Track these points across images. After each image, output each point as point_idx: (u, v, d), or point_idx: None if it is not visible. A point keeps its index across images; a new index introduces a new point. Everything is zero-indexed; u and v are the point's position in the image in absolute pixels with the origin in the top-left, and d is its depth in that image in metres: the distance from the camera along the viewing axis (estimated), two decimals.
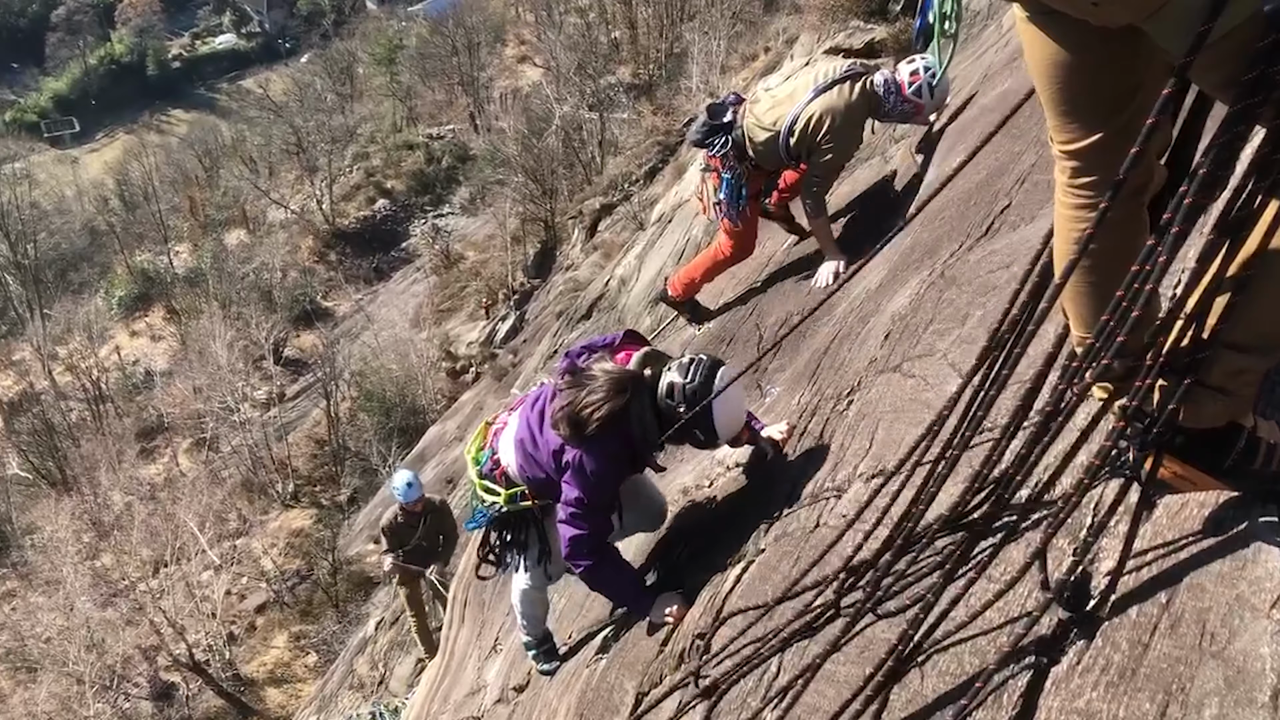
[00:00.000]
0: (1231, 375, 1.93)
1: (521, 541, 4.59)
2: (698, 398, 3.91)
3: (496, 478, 4.44)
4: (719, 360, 4.05)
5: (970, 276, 3.85)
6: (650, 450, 4.17)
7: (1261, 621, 1.81)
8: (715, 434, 4.02)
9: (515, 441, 4.29)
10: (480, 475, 4.51)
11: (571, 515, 4.07)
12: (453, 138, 52.07)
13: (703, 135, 6.45)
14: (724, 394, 3.90)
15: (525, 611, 4.94)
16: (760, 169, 6.43)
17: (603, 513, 4.16)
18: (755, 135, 6.21)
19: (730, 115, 6.34)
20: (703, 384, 3.92)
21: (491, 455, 4.47)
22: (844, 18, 13.87)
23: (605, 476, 4.06)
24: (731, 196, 6.43)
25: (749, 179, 6.42)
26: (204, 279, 46.02)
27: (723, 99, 6.57)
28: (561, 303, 24.81)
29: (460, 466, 22.14)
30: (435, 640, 11.18)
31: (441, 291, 41.67)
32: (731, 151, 6.32)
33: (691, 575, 4.13)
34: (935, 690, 2.37)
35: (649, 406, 4.00)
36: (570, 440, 3.97)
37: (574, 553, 4.13)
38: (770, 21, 29.21)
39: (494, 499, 4.43)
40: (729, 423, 4.03)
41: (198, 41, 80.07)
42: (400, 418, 33.52)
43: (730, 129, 6.31)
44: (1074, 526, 2.35)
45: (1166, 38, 1.73)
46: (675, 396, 3.95)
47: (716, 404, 3.90)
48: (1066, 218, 2.11)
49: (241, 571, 29.29)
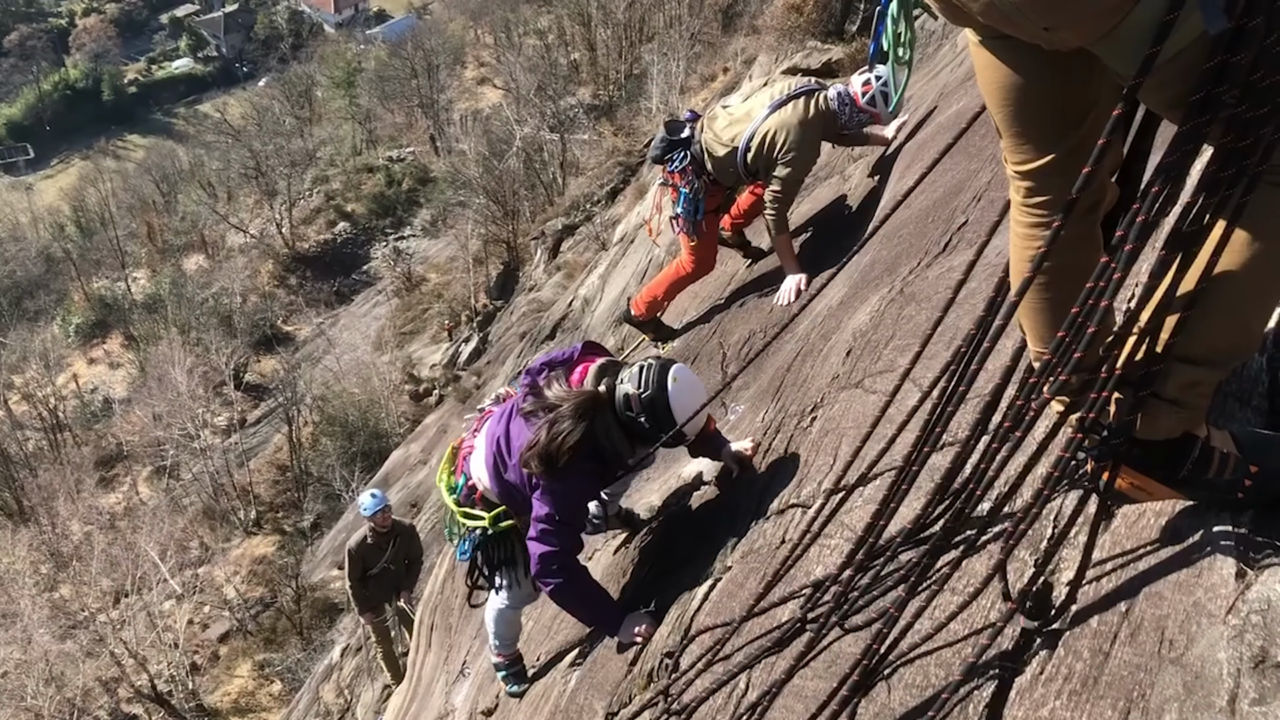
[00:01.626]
0: (1186, 387, 1.97)
1: (510, 559, 4.55)
2: (655, 405, 3.93)
3: (476, 502, 4.43)
4: (669, 361, 4.07)
5: (930, 293, 3.91)
6: (620, 463, 4.18)
7: (1218, 627, 1.85)
8: (683, 433, 4.05)
9: (487, 464, 4.27)
10: (458, 504, 4.49)
11: (541, 532, 4.04)
12: (413, 160, 52.04)
13: (661, 151, 6.55)
14: (679, 389, 3.94)
15: (499, 632, 4.91)
16: (718, 184, 6.49)
17: (573, 529, 4.14)
18: (714, 150, 6.30)
19: (688, 131, 6.43)
20: (657, 389, 3.94)
21: (466, 482, 4.45)
22: (801, 38, 14.04)
23: (575, 493, 4.07)
24: (689, 210, 6.49)
25: (707, 193, 6.49)
26: (163, 305, 45.58)
27: (681, 117, 6.66)
28: (525, 323, 24.81)
29: (424, 490, 22.06)
30: (402, 666, 11.10)
31: (403, 314, 41.53)
32: (690, 165, 6.40)
33: (659, 594, 4.13)
34: (902, 703, 2.40)
35: (613, 422, 4.01)
36: (544, 477, 3.96)
37: (543, 570, 4.09)
38: (728, 43, 29.50)
39: (478, 523, 4.40)
40: (691, 417, 4.05)
41: (154, 66, 79.49)
42: (363, 442, 33.28)
43: (689, 144, 6.40)
44: (1034, 538, 2.39)
45: (1117, 60, 1.78)
46: (634, 408, 3.97)
47: (674, 403, 3.93)
48: (1022, 236, 2.16)
49: (204, 600, 28.93)
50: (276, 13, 79.05)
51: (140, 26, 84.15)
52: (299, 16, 77.79)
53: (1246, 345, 2.01)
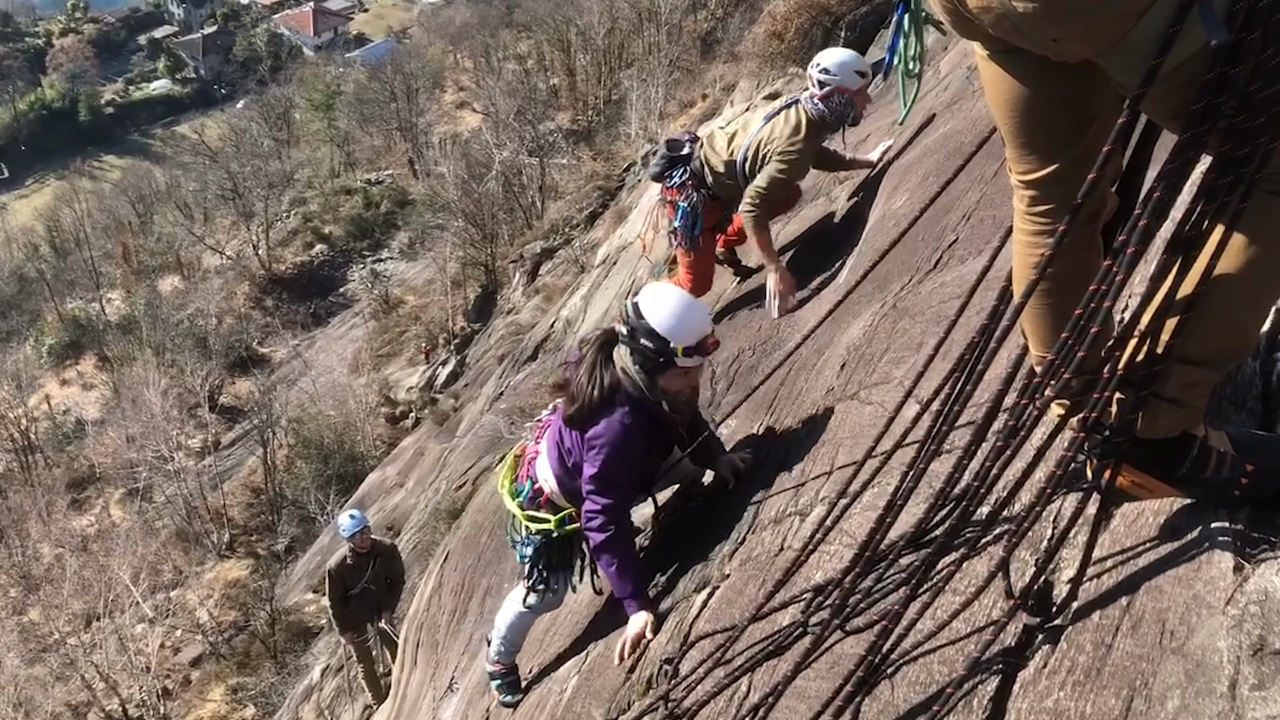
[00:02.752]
0: (1185, 387, 2.05)
1: (569, 563, 4.60)
2: (640, 331, 4.04)
3: (541, 505, 4.49)
4: (641, 289, 4.20)
5: (923, 307, 3.99)
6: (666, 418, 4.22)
7: (1218, 618, 1.91)
8: (670, 341, 4.04)
9: (552, 463, 4.36)
10: (523, 508, 4.54)
11: (590, 492, 4.13)
12: (391, 183, 52.04)
13: (661, 168, 6.64)
14: (652, 306, 4.05)
15: (508, 636, 4.90)
16: (716, 200, 6.59)
17: (623, 488, 4.18)
18: (714, 164, 6.41)
19: (688, 149, 6.53)
20: (636, 317, 4.07)
21: (532, 485, 4.51)
22: (782, 64, 14.18)
23: (619, 447, 4.09)
24: (687, 224, 6.58)
25: (705, 209, 6.58)
26: (137, 326, 45.21)
27: (680, 136, 6.77)
28: (504, 346, 24.81)
29: (401, 513, 21.98)
30: (383, 687, 11.05)
31: (380, 336, 41.40)
32: (690, 181, 6.49)
33: (654, 599, 4.18)
34: (906, 700, 2.45)
35: (627, 357, 4.11)
36: (583, 415, 4.09)
37: (591, 522, 4.15)
38: (708, 69, 29.72)
39: (543, 525, 4.45)
40: (679, 322, 4.06)
41: (131, 87, 79.20)
42: (339, 465, 33.06)
43: (688, 160, 6.50)
44: (1035, 539, 2.46)
45: (1121, 71, 1.86)
46: (632, 340, 4.08)
47: (657, 322, 4.02)
48: (1025, 244, 2.24)
49: (176, 624, 28.58)
50: (255, 35, 79.01)
51: (118, 47, 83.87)
52: (278, 39, 77.80)
53: (1243, 346, 2.09)
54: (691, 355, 4.05)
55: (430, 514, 16.04)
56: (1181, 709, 1.84)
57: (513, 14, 55.20)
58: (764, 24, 14.60)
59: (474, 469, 14.71)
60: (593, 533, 4.17)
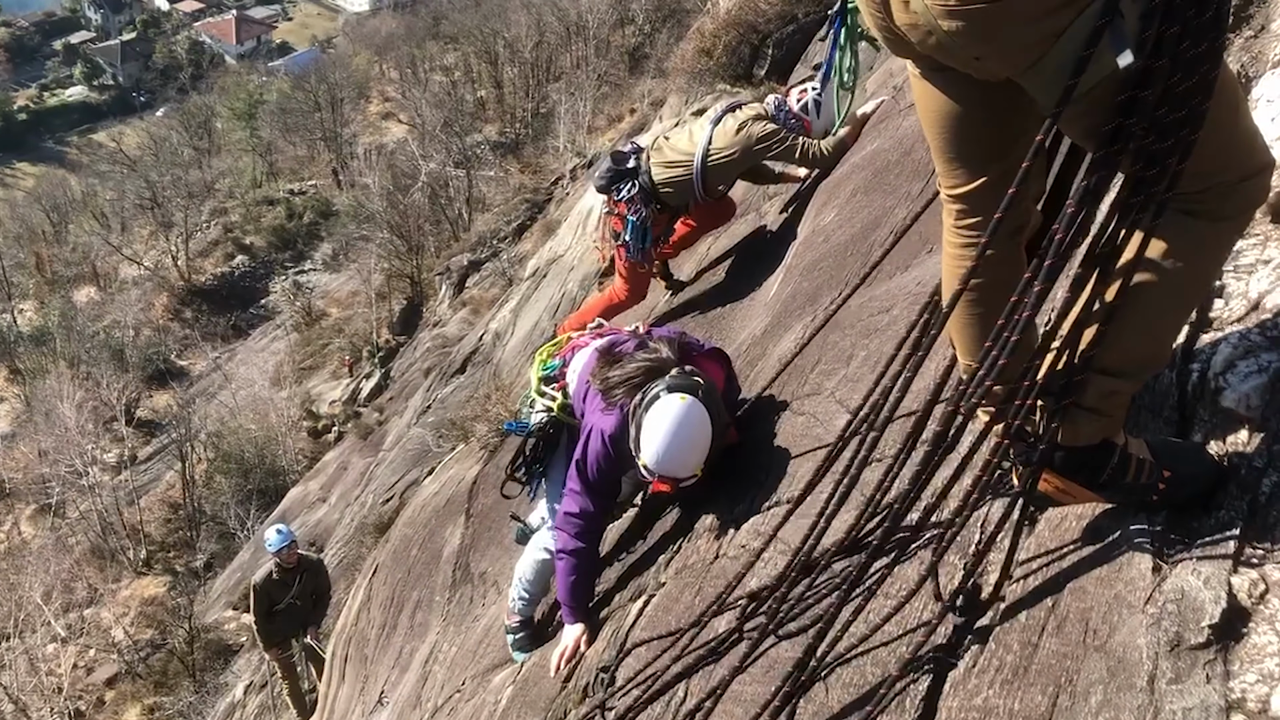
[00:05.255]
0: (1104, 397, 2.13)
1: (550, 466, 4.60)
2: (639, 421, 3.88)
3: (557, 386, 4.53)
4: (681, 393, 3.84)
5: (853, 320, 4.08)
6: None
7: (1137, 616, 2.00)
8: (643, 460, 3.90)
9: (584, 366, 4.36)
10: (543, 380, 4.59)
11: (573, 491, 4.13)
12: (315, 193, 51.35)
13: (608, 180, 6.65)
14: (655, 424, 3.79)
15: (531, 580, 4.71)
16: (665, 210, 6.64)
17: (600, 492, 4.13)
18: (665, 174, 6.43)
19: (634, 161, 6.57)
20: (643, 411, 3.88)
21: (562, 365, 4.56)
22: (710, 81, 14.29)
23: (603, 443, 4.05)
24: (636, 238, 6.61)
25: (654, 222, 6.63)
26: (51, 338, 44.01)
27: (624, 148, 6.81)
28: (430, 359, 24.60)
29: (324, 528, 21.67)
30: (309, 703, 10.90)
31: (303, 349, 40.74)
32: (639, 195, 6.52)
33: (593, 611, 4.20)
34: (840, 701, 2.51)
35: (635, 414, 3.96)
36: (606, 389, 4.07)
37: (567, 527, 4.14)
38: (636, 84, 29.87)
39: (548, 403, 4.50)
40: (662, 455, 3.83)
41: (46, 94, 77.15)
42: (259, 479, 32.46)
43: (636, 174, 6.52)
44: (963, 543, 2.54)
45: (1038, 91, 1.96)
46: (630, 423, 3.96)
47: (642, 435, 3.85)
48: (953, 256, 2.32)
49: (90, 643, 27.82)
50: (176, 42, 77.54)
51: (32, 53, 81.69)
52: (199, 47, 76.41)
53: (1159, 358, 2.19)
54: (652, 476, 3.92)
55: (356, 528, 15.84)
56: (1104, 704, 1.93)
57: (439, 25, 54.87)
58: (692, 40, 14.70)
59: (401, 482, 14.57)
60: (565, 538, 4.14)
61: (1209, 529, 2.07)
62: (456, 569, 6.89)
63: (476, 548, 6.88)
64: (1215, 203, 1.99)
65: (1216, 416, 2.27)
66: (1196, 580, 1.97)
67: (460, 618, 6.20)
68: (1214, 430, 2.25)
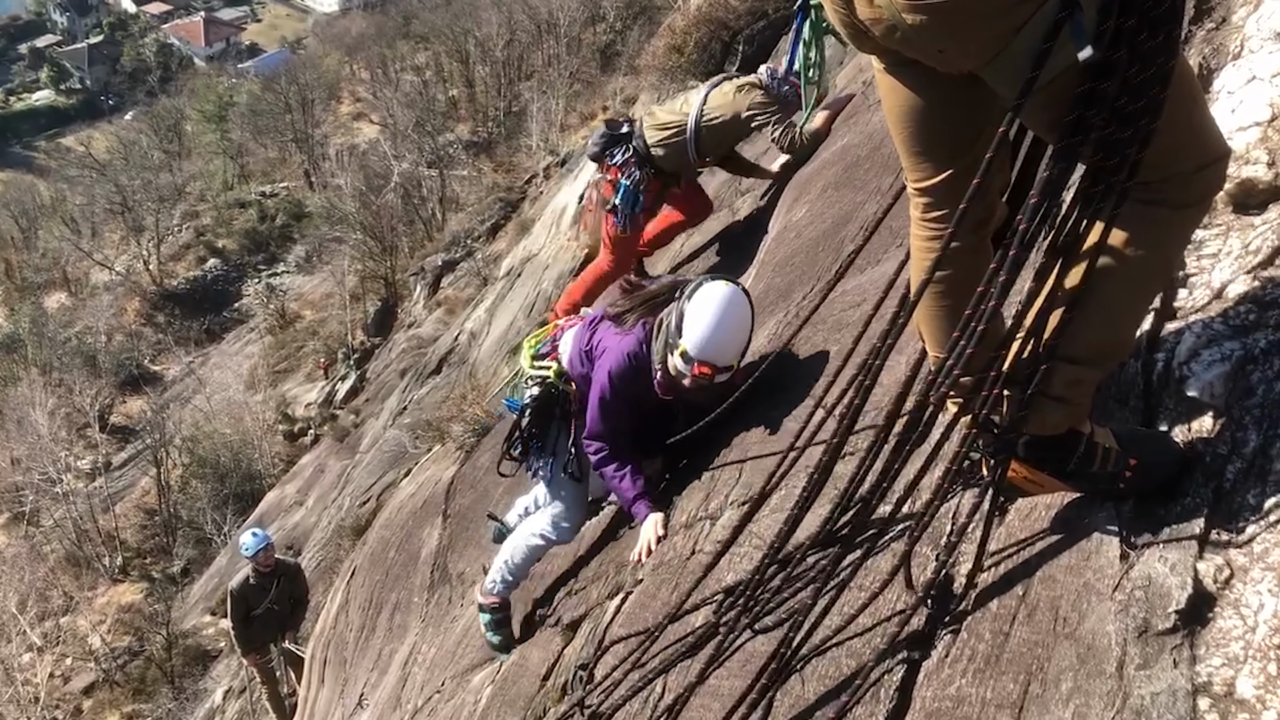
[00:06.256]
0: (1070, 386, 2.15)
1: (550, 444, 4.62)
2: (680, 308, 4.04)
3: (550, 359, 4.63)
4: (727, 282, 4.11)
5: (825, 315, 4.10)
6: (650, 379, 4.23)
7: (1106, 603, 2.03)
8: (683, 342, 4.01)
9: (574, 337, 4.50)
10: (533, 356, 4.70)
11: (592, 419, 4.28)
12: (287, 195, 51.04)
13: (602, 146, 6.69)
14: (701, 306, 3.97)
15: (514, 564, 4.71)
16: (659, 175, 6.64)
17: (617, 414, 4.26)
18: (659, 135, 6.48)
19: (627, 128, 6.63)
20: (686, 297, 4.06)
21: (552, 342, 4.67)
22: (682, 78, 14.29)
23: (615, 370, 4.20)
24: (626, 201, 6.62)
25: (647, 186, 6.64)
26: (22, 344, 43.62)
27: (618, 119, 6.87)
28: (406, 360, 24.49)
29: (301, 532, 21.57)
30: (289, 707, 10.85)
31: (277, 352, 40.46)
32: (632, 158, 6.55)
33: (571, 610, 4.21)
34: (816, 693, 2.53)
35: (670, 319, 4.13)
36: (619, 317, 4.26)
37: (590, 448, 4.31)
38: (608, 82, 29.84)
39: (545, 372, 4.58)
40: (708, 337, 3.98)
41: (12, 98, 76.36)
42: (236, 484, 32.24)
43: (629, 139, 6.55)
44: (935, 534, 2.56)
45: (1000, 83, 1.98)
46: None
47: (688, 318, 4.00)
48: (920, 249, 2.34)
49: (66, 651, 27.58)
50: (144, 45, 76.87)
51: None
52: (168, 49, 75.76)
53: (1122, 345, 2.22)
54: (690, 364, 3.97)
55: (334, 531, 15.76)
56: (1075, 690, 1.95)
57: (410, 25, 54.65)
58: (663, 37, 14.71)
59: (378, 484, 14.51)
60: (603, 460, 4.27)
61: (1175, 516, 2.09)
62: (434, 570, 6.88)
63: (454, 548, 6.87)
64: (1175, 191, 2.02)
65: (1181, 405, 2.29)
66: (1163, 567, 2.00)
67: (439, 618, 6.19)
68: (1179, 418, 2.28)
